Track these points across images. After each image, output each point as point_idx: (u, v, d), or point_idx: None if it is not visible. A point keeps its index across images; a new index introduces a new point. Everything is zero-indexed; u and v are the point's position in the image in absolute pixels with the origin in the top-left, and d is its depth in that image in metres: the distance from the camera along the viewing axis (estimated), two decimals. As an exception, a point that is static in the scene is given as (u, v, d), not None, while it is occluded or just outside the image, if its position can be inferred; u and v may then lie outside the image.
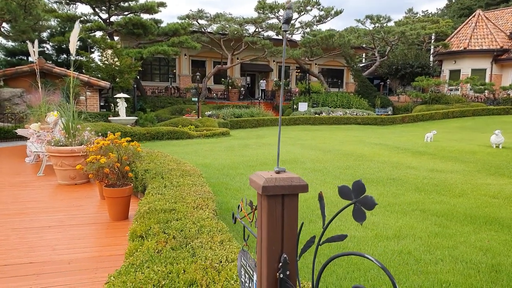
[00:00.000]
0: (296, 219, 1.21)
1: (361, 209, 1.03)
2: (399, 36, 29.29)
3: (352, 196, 1.04)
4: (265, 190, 1.09)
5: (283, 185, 1.11)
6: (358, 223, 3.83)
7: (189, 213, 3.06)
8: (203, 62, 31.86)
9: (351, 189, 1.05)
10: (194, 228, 2.74)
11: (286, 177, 1.13)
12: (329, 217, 1.15)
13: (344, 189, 1.07)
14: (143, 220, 2.94)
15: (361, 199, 1.02)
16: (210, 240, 2.53)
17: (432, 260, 3.74)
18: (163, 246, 2.44)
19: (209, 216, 3.02)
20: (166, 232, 2.67)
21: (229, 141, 13.98)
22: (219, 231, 2.71)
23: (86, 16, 22.89)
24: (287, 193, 1.13)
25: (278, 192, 1.11)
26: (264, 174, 1.16)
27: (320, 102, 27.31)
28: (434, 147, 12.02)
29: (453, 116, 23.10)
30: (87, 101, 16.12)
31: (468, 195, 6.24)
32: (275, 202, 1.11)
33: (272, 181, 1.10)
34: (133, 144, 4.66)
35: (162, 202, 3.32)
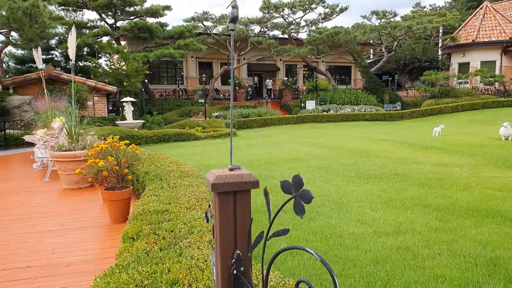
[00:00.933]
0: (249, 215, 1.23)
1: (300, 202, 1.04)
2: (406, 30, 29.02)
3: (293, 190, 1.05)
4: (215, 187, 1.10)
5: (234, 182, 1.13)
6: (357, 219, 3.83)
7: (181, 214, 3.10)
8: (210, 64, 32.01)
9: (291, 184, 1.06)
10: (184, 228, 2.77)
11: (237, 174, 1.15)
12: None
13: (285, 184, 1.08)
14: (135, 221, 2.98)
15: (299, 193, 1.03)
16: (199, 240, 2.56)
17: (430, 255, 3.70)
18: (152, 247, 2.47)
19: (201, 216, 3.05)
20: (156, 233, 2.70)
21: (235, 141, 14.02)
22: (209, 231, 2.74)
23: (92, 22, 23.20)
24: (238, 189, 1.14)
25: (229, 189, 1.12)
26: (216, 172, 1.18)
27: (328, 100, 27.19)
28: (441, 141, 11.88)
29: (462, 110, 22.79)
30: (95, 106, 16.33)
31: (472, 189, 6.16)
32: (227, 199, 1.12)
33: (222, 178, 1.12)
34: (132, 147, 4.72)
35: (156, 204, 3.36)
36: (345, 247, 3.95)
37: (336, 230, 4.43)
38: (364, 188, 6.37)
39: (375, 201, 5.62)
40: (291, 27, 28.94)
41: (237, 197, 1.15)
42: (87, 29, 22.52)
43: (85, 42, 19.73)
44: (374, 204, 5.46)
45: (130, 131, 12.79)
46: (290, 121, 22.24)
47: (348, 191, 6.21)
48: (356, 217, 4.87)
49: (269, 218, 1.17)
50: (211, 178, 1.14)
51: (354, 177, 7.27)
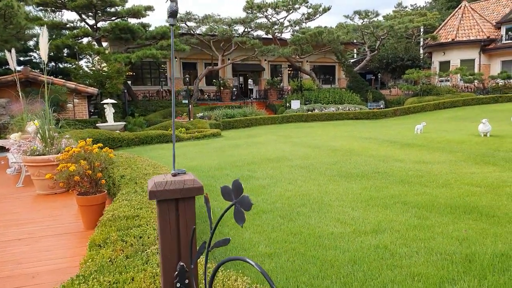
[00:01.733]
0: (193, 224, 1.15)
1: (240, 210, 0.97)
2: (388, 30, 29.32)
3: (233, 196, 0.98)
4: (153, 195, 1.03)
5: (175, 188, 1.05)
6: (337, 218, 3.77)
7: (152, 219, 3.00)
8: (194, 64, 31.79)
9: (232, 189, 0.99)
10: (154, 234, 2.68)
11: (179, 180, 1.07)
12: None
13: (225, 189, 1.01)
14: (104, 228, 2.88)
15: (239, 199, 0.96)
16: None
17: (407, 253, 3.69)
18: (117, 255, 2.38)
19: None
20: (124, 239, 2.60)
21: (219, 142, 13.91)
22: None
23: (72, 23, 22.76)
24: (180, 197, 1.06)
25: (169, 197, 1.05)
26: (156, 178, 1.10)
27: (313, 99, 27.27)
28: (423, 139, 11.99)
29: (444, 107, 23.12)
30: (75, 108, 16.01)
31: (451, 185, 6.21)
32: (168, 207, 1.05)
33: (162, 185, 1.04)
34: (105, 150, 4.60)
35: (127, 209, 3.25)
36: (323, 247, 3.91)
37: (316, 231, 4.39)
38: (345, 187, 6.36)
39: (356, 199, 5.60)
40: (275, 27, 28.93)
41: (180, 205, 1.07)
42: (67, 30, 22.08)
43: (65, 43, 19.35)
44: (354, 203, 5.44)
45: (110, 134, 12.56)
46: (275, 121, 22.22)
47: (329, 190, 6.18)
48: (336, 217, 4.84)
49: (210, 227, 1.09)
50: (150, 185, 1.06)
51: (336, 176, 7.25)
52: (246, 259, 0.96)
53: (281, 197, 5.84)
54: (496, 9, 32.91)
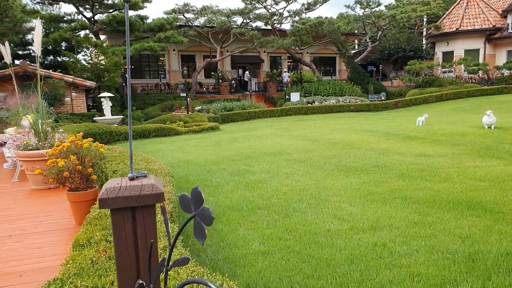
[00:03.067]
0: (154, 236, 1.00)
1: (200, 224, 0.82)
2: (390, 20, 28.94)
3: (192, 207, 0.83)
4: (103, 203, 0.88)
5: (130, 195, 0.91)
6: (334, 215, 3.60)
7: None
8: (193, 57, 31.53)
9: (191, 199, 0.84)
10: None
11: (136, 185, 0.93)
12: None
13: (184, 199, 0.86)
14: (89, 226, 2.75)
15: (199, 211, 0.82)
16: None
17: (407, 251, 3.55)
18: (100, 256, 2.25)
19: (160, 219, 2.82)
20: (108, 239, 2.48)
21: (217, 136, 13.77)
22: (165, 236, 2.52)
23: (70, 15, 22.51)
24: (137, 205, 0.92)
25: (124, 205, 0.90)
26: (112, 183, 0.96)
27: (313, 91, 27.02)
28: (425, 131, 11.82)
29: (447, 99, 22.86)
30: (73, 102, 15.85)
31: (453, 180, 6.06)
32: (123, 217, 0.90)
33: (114, 192, 0.89)
34: (96, 144, 4.46)
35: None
36: (319, 245, 3.78)
37: (312, 227, 4.26)
38: (344, 182, 6.22)
39: (354, 195, 5.46)
40: (274, 18, 28.61)
41: (137, 214, 0.93)
42: (65, 23, 21.83)
43: (62, 36, 19.12)
44: (352, 198, 5.31)
45: (108, 127, 12.42)
46: (274, 114, 22.03)
47: (327, 185, 6.05)
48: (333, 213, 4.71)
49: (168, 243, 0.95)
50: (102, 191, 0.92)
51: (334, 170, 7.11)
52: (208, 283, 0.81)
53: (277, 192, 5.71)
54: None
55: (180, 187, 6.36)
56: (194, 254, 3.67)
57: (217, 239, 4.04)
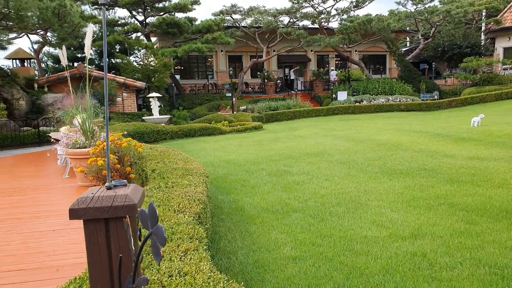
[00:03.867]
0: (128, 250, 0.95)
1: (157, 244, 0.75)
2: (444, 15, 27.42)
3: (149, 224, 0.77)
4: (73, 214, 0.85)
5: (101, 206, 0.87)
6: (373, 220, 3.43)
7: (167, 218, 2.89)
8: (240, 57, 31.85)
9: (147, 215, 0.78)
10: (164, 234, 2.56)
11: (107, 196, 0.89)
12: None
13: (142, 214, 0.80)
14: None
15: (155, 230, 0.75)
16: (175, 248, 2.34)
17: (449, 263, 3.30)
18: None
19: (187, 220, 2.82)
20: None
21: (260, 135, 13.77)
22: (189, 238, 2.51)
23: (124, 19, 23.55)
24: (109, 216, 0.87)
25: (95, 216, 0.86)
26: (87, 192, 0.92)
27: (361, 90, 26.29)
28: (480, 132, 11.04)
29: (507, 98, 21.27)
30: (124, 102, 16.57)
31: (509, 186, 5.58)
32: (96, 228, 0.87)
33: (85, 202, 0.86)
34: (134, 144, 4.58)
35: (144, 206, 3.18)
36: (354, 252, 3.61)
37: (348, 233, 4.09)
38: (387, 185, 5.94)
39: (396, 199, 5.19)
40: (322, 17, 28.17)
41: (111, 226, 0.88)
42: (119, 26, 22.91)
43: (116, 39, 20.06)
44: (394, 203, 5.04)
45: (155, 127, 12.84)
46: (320, 113, 21.68)
47: (369, 189, 5.80)
48: (372, 218, 4.49)
49: (132, 259, 0.89)
50: (74, 201, 0.89)
51: (378, 173, 6.82)
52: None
53: (315, 195, 5.56)
54: None
55: (219, 186, 6.41)
56: (224, 256, 3.65)
57: (249, 242, 4.00)
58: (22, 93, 15.34)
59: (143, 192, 1.00)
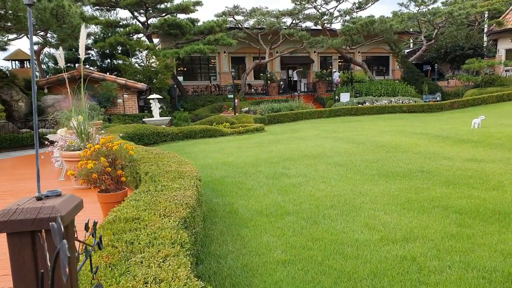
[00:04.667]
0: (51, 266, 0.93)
1: (63, 262, 0.73)
2: (447, 17, 27.32)
3: (57, 239, 0.75)
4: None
5: (24, 219, 0.83)
6: (366, 223, 3.42)
7: (152, 222, 2.88)
8: (243, 58, 31.85)
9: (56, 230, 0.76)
10: (146, 239, 2.54)
11: (33, 208, 0.86)
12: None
13: (52, 229, 0.78)
14: (100, 231, 2.81)
15: (60, 246, 0.73)
16: (155, 254, 2.33)
17: (438, 267, 3.27)
18: (101, 263, 2.27)
19: (172, 225, 2.81)
20: (114, 245, 2.50)
21: (261, 137, 13.75)
22: (171, 243, 2.50)
23: (125, 20, 23.64)
24: (34, 229, 0.85)
25: (19, 229, 0.84)
26: (13, 203, 0.90)
27: (364, 92, 26.26)
28: (480, 134, 10.99)
29: (508, 99, 21.16)
30: (125, 104, 16.62)
31: (504, 188, 5.53)
32: (21, 241, 0.84)
33: (8, 214, 0.83)
34: (126, 147, 4.58)
35: (131, 210, 3.16)
36: (343, 256, 3.59)
37: (339, 236, 4.07)
38: (382, 188, 5.91)
39: (391, 202, 5.16)
40: (324, 18, 28.12)
41: (37, 240, 0.86)
42: (120, 27, 22.98)
43: (117, 40, 20.13)
44: (388, 205, 5.01)
45: (155, 128, 12.86)
46: (322, 115, 21.66)
47: (364, 191, 5.78)
48: (365, 221, 4.47)
49: (63, 275, 0.88)
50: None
51: (375, 175, 6.79)
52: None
53: (310, 198, 5.54)
54: None
55: (215, 188, 6.40)
56: (213, 260, 3.64)
57: (240, 245, 3.98)
58: (22, 94, 15.42)
59: (78, 203, 0.99)
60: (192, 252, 3.03)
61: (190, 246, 2.68)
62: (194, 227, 3.40)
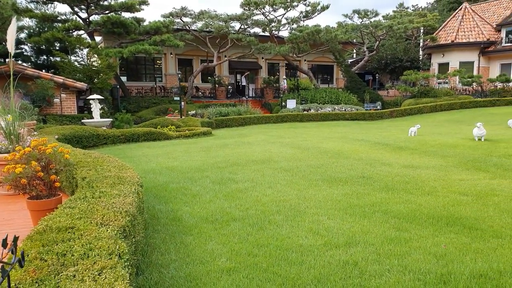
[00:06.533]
0: None
1: None
2: (387, 30, 28.98)
3: None
4: None
5: None
6: (310, 228, 3.41)
7: (87, 232, 2.68)
8: (190, 61, 31.44)
9: None
10: (80, 250, 2.36)
11: None
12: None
13: None
14: (28, 242, 2.56)
15: None
16: (89, 267, 2.15)
17: (378, 271, 3.37)
18: (26, 278, 2.06)
19: (109, 235, 2.63)
20: (44, 258, 2.28)
21: (208, 141, 13.59)
22: (108, 254, 2.33)
23: (64, 15, 22.36)
24: None
25: None
26: None
27: (309, 99, 26.97)
28: (416, 142, 11.68)
29: (441, 109, 22.80)
30: (63, 104, 15.67)
31: (437, 193, 5.89)
32: None
33: None
34: (61, 150, 4.27)
35: (65, 218, 2.93)
36: (288, 262, 3.59)
37: (284, 242, 4.07)
38: (326, 193, 6.04)
39: (334, 207, 5.28)
40: (272, 25, 28.56)
41: None
42: (59, 22, 21.67)
43: (55, 36, 18.96)
44: (331, 210, 5.12)
45: (95, 130, 12.23)
46: (270, 120, 21.90)
47: (308, 196, 5.87)
48: (309, 226, 4.52)
49: None
50: None
51: (319, 180, 6.93)
52: None
53: (256, 203, 5.52)
54: (496, 11, 32.56)
55: (158, 195, 6.17)
56: (155, 270, 3.48)
57: (183, 254, 3.85)
58: None
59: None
60: (132, 263, 2.86)
61: (129, 257, 2.52)
62: (135, 236, 3.22)
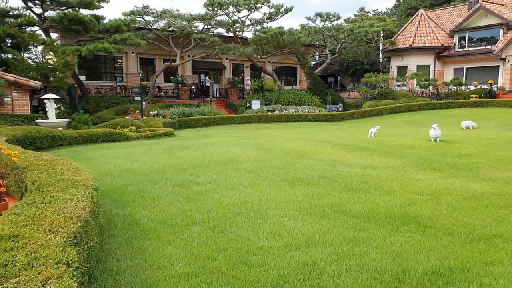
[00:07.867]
0: None
1: None
2: (348, 33, 29.71)
3: None
4: None
5: None
6: (271, 230, 3.37)
7: (33, 240, 2.52)
8: (152, 60, 30.81)
9: None
10: (24, 261, 2.21)
11: None
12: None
13: None
14: (-35, 252, 2.37)
15: None
16: (33, 278, 2.02)
17: (336, 272, 3.41)
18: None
19: (58, 242, 2.49)
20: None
21: (170, 142, 13.33)
22: (55, 263, 2.20)
23: (17, 10, 21.21)
24: None
25: None
26: None
27: (273, 100, 27.14)
28: (375, 143, 12.01)
29: (400, 111, 23.64)
30: (15, 103, 14.87)
31: (395, 193, 6.07)
32: None
33: None
34: (7, 152, 4.02)
35: (8, 226, 2.75)
36: (248, 265, 3.56)
37: (245, 245, 4.04)
38: (288, 193, 6.07)
39: (295, 208, 5.31)
40: (236, 26, 28.53)
41: None
42: (11, 17, 20.54)
43: (6, 32, 17.95)
44: (292, 211, 5.15)
45: (50, 131, 11.67)
46: (234, 121, 21.83)
47: (271, 197, 5.87)
48: (270, 228, 4.52)
49: None
50: None
51: (281, 181, 6.96)
52: None
53: (218, 205, 5.46)
54: (450, 18, 34.26)
55: (115, 198, 5.96)
56: (109, 277, 3.34)
57: (140, 259, 3.72)
58: None
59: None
60: (84, 271, 2.73)
61: (80, 264, 2.40)
62: (87, 242, 3.07)
